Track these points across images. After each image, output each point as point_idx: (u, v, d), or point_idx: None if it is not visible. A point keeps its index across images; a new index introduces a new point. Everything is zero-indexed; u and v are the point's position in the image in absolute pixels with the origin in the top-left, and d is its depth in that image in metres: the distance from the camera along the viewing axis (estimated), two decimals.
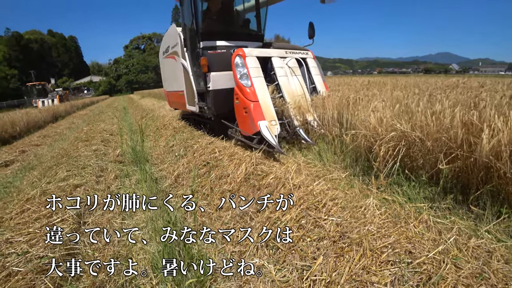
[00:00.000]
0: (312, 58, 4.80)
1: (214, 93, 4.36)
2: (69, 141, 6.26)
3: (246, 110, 3.80)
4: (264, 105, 3.79)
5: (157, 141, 5.49)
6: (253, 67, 3.97)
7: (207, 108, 4.56)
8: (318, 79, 4.68)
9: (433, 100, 3.26)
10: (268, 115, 3.76)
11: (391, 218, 1.91)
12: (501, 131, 2.11)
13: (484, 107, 2.55)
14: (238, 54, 4.02)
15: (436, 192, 2.49)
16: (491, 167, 2.17)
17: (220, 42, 4.61)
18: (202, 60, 4.21)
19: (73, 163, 4.08)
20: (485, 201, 2.19)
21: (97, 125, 8.49)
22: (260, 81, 3.95)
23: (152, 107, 12.45)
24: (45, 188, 3.12)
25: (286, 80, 4.28)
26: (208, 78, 4.33)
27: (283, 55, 4.52)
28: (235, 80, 3.98)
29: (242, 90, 3.87)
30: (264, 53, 4.33)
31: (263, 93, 3.88)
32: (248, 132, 3.86)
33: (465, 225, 1.98)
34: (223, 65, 4.35)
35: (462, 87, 6.99)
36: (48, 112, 13.31)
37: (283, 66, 4.36)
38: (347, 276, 1.46)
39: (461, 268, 1.45)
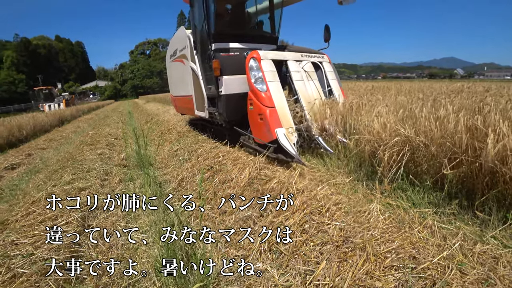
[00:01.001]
0: (328, 62, 4.58)
1: (226, 98, 4.15)
2: (75, 145, 6.33)
3: (261, 116, 3.59)
4: (281, 111, 3.58)
5: (161, 145, 5.52)
6: (268, 70, 3.77)
7: (218, 114, 4.34)
8: (334, 84, 4.45)
9: (437, 105, 3.25)
10: (285, 122, 3.55)
11: (395, 223, 1.90)
12: (506, 135, 2.10)
13: (489, 112, 2.54)
14: (253, 57, 3.81)
15: (441, 197, 2.46)
16: (497, 172, 2.15)
17: (233, 44, 4.37)
18: (214, 62, 4.02)
19: (78, 167, 4.13)
20: (490, 207, 2.17)
21: (102, 129, 8.58)
22: (276, 85, 3.76)
23: (156, 112, 12.54)
24: (50, 191, 3.16)
25: (303, 84, 4.08)
26: (220, 82, 4.13)
27: (299, 58, 4.31)
28: (249, 84, 3.78)
29: (257, 95, 3.66)
30: (280, 56, 4.12)
31: (279, 98, 3.67)
32: (263, 140, 3.62)
33: (470, 231, 1.97)
34: (236, 68, 4.15)
35: (467, 92, 6.96)
36: (54, 116, 13.48)
37: (299, 70, 4.17)
38: (350, 281, 1.45)
39: (466, 274, 1.43)
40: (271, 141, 3.49)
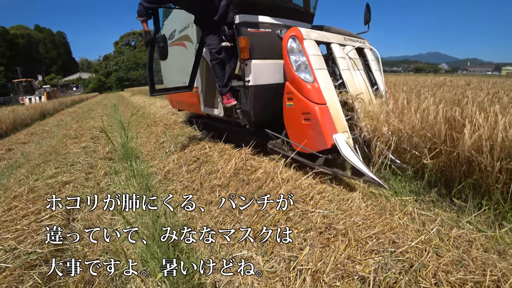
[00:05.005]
0: (369, 49, 3.77)
1: (255, 91, 3.09)
2: (58, 139, 6.18)
3: (308, 116, 2.71)
4: (333, 110, 2.73)
5: (148, 138, 5.45)
6: (314, 54, 2.87)
7: (241, 111, 3.26)
8: (378, 76, 3.67)
9: (420, 98, 3.33)
10: (339, 125, 2.72)
11: (376, 210, 1.97)
12: (482, 126, 2.19)
13: (466, 104, 2.63)
14: (292, 36, 2.89)
15: (421, 186, 2.57)
16: (473, 161, 2.25)
17: (263, 18, 3.24)
18: (242, 40, 2.93)
19: (61, 160, 4.05)
20: (467, 194, 2.27)
21: (86, 122, 8.40)
22: (325, 75, 2.87)
23: (143, 104, 12.34)
24: (32, 185, 3.10)
25: (350, 75, 3.20)
26: (247, 69, 3.07)
27: (343, 42, 3.43)
28: (289, 72, 2.89)
29: (299, 86, 2.78)
30: (324, 38, 3.19)
31: (330, 92, 2.80)
32: (310, 149, 2.76)
33: (448, 217, 2.05)
34: (268, 50, 3.17)
35: (449, 86, 7.16)
36: (35, 109, 13.11)
37: (345, 57, 3.28)
38: (332, 265, 1.50)
39: (442, 256, 1.50)
40: (322, 150, 2.70)
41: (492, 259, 1.47)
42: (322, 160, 2.75)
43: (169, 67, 5.00)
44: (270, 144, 3.24)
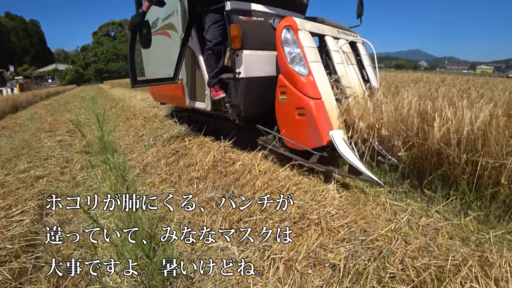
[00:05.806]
0: (362, 44, 3.68)
1: (247, 83, 2.91)
2: (31, 132, 5.92)
3: (302, 111, 2.59)
4: (329, 105, 2.61)
5: (127, 131, 5.34)
6: (308, 46, 2.74)
7: (231, 105, 3.09)
8: (370, 71, 3.60)
9: (395, 92, 3.43)
10: (335, 121, 2.63)
11: (350, 200, 2.03)
12: (450, 120, 2.29)
13: (437, 98, 2.74)
14: (287, 26, 2.73)
15: (395, 178, 2.65)
16: (442, 153, 2.35)
17: (255, 6, 3.04)
18: (233, 28, 2.72)
19: (35, 155, 3.91)
20: (436, 185, 2.38)
21: (62, 115, 8.11)
22: (319, 68, 2.74)
23: (122, 97, 12.02)
24: (3, 180, 2.98)
25: (344, 69, 3.08)
26: (238, 59, 2.89)
27: (336, 35, 3.29)
28: (282, 64, 2.74)
29: (293, 80, 2.64)
30: (318, 29, 3.05)
31: (325, 87, 2.68)
32: (304, 145, 2.65)
33: (418, 207, 2.15)
34: (260, 40, 2.98)
35: (425, 82, 7.41)
36: (6, 102, 12.47)
37: (339, 50, 3.17)
38: (304, 254, 1.55)
39: (409, 243, 1.57)
40: (317, 147, 2.59)
41: (456, 246, 1.55)
42: (317, 158, 2.60)
43: (152, 58, 4.58)
44: (260, 140, 3.10)
